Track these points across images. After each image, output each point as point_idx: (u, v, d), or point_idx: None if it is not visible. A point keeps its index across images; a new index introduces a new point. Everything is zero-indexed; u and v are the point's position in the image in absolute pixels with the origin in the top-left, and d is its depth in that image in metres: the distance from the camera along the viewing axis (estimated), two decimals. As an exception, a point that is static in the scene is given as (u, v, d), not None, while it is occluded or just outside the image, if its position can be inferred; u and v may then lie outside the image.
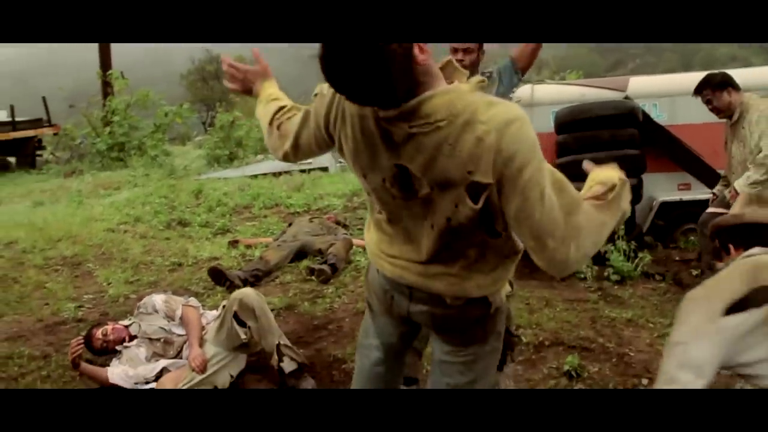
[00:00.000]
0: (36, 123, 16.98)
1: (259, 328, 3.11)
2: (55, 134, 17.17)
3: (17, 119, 16.38)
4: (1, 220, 7.98)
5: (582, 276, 4.43)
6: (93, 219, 7.69)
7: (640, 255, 4.48)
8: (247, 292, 3.19)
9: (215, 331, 3.25)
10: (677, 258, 4.82)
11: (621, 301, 4.06)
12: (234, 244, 6.00)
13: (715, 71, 3.75)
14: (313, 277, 4.89)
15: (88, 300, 4.69)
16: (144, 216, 7.60)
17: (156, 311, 3.45)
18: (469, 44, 2.85)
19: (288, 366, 3.13)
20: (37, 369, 3.40)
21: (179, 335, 3.37)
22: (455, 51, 2.84)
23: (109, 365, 3.25)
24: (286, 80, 2.38)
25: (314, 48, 1.42)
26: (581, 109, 4.73)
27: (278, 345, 3.14)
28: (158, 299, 3.51)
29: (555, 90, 5.45)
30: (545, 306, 4.00)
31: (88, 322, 4.04)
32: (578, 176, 4.41)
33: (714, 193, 4.02)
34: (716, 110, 3.61)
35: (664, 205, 4.98)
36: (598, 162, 1.82)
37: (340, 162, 13.18)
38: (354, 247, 5.49)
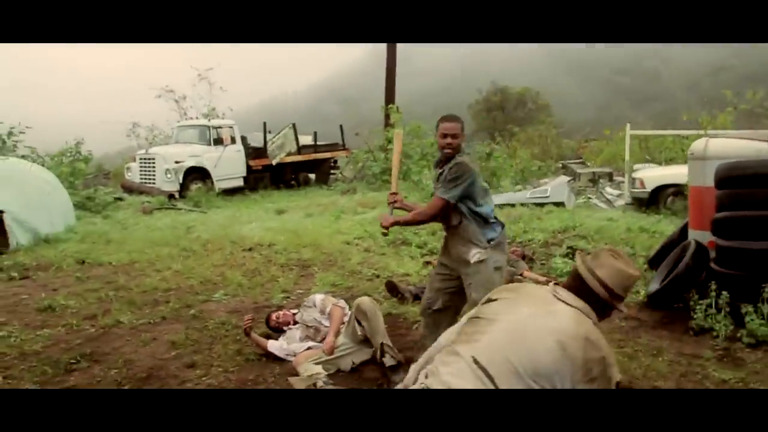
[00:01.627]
0: (333, 146, 20.18)
1: (369, 328, 4.01)
2: (346, 157, 20.22)
3: (319, 143, 19.68)
4: (277, 225, 10.10)
5: (715, 334, 4.38)
6: (339, 232, 9.33)
7: (790, 321, 4.25)
8: (364, 300, 4.11)
9: (346, 326, 4.24)
10: None
11: (740, 364, 3.98)
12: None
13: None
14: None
15: (297, 294, 6.04)
16: (376, 233, 8.95)
17: (314, 305, 4.55)
18: (456, 130, 3.60)
19: (388, 361, 3.93)
20: (231, 334, 4.71)
21: (326, 326, 4.40)
22: (444, 136, 3.59)
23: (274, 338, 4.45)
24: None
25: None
26: (739, 165, 4.63)
27: (382, 344, 3.96)
28: (318, 297, 4.61)
29: (728, 144, 5.29)
30: (653, 355, 4.13)
31: (284, 308, 5.33)
32: (731, 233, 4.66)
33: None
34: None
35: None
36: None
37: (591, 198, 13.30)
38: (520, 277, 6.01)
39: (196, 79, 19.81)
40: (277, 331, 4.59)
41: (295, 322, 4.56)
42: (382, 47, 20.21)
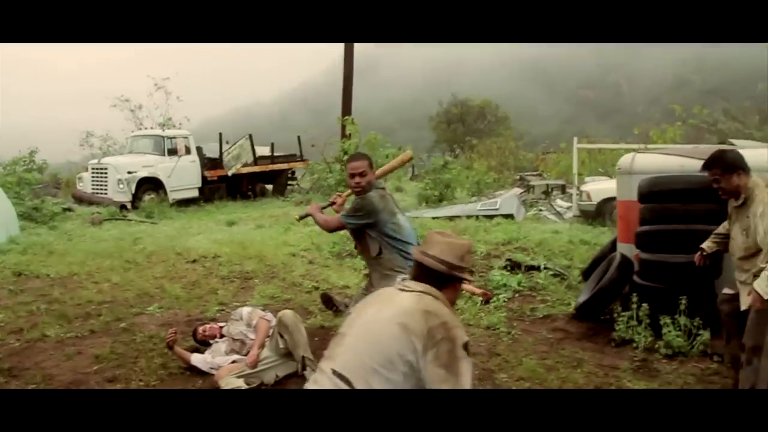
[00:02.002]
0: (290, 157, 20.16)
1: (291, 341, 4.04)
2: (304, 168, 20.22)
3: (276, 154, 19.64)
4: (224, 237, 10.06)
5: (635, 345, 4.52)
6: (286, 243, 9.32)
7: (702, 332, 4.41)
8: (286, 313, 4.15)
9: (270, 339, 4.26)
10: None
11: (654, 375, 4.12)
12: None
13: (727, 147, 3.63)
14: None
15: (233, 306, 6.02)
16: (324, 245, 8.97)
17: (241, 319, 4.56)
18: (363, 168, 3.80)
19: (309, 375, 3.96)
20: (158, 348, 4.68)
21: (252, 339, 4.41)
22: (352, 176, 3.81)
23: (197, 352, 4.44)
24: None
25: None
26: (659, 180, 4.80)
27: (303, 357, 4.00)
28: (245, 310, 4.62)
29: (653, 159, 5.48)
30: (573, 366, 4.25)
31: (217, 321, 5.32)
32: (652, 246, 4.72)
33: (702, 248, 3.91)
34: (722, 191, 3.55)
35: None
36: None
37: (544, 210, 13.52)
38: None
39: (153, 88, 19.61)
40: (203, 344, 4.58)
41: (222, 336, 4.56)
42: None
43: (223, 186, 17.90)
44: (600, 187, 11.70)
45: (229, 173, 17.82)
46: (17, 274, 7.37)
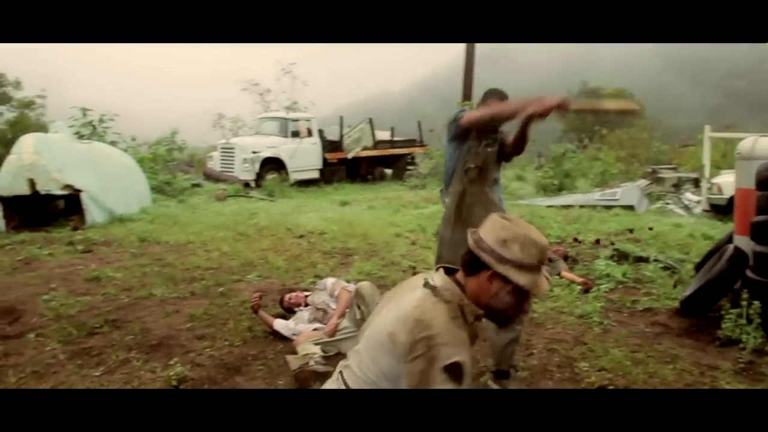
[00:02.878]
0: (410, 142, 20.26)
1: (366, 313, 4.03)
2: (424, 153, 20.23)
3: (396, 138, 19.82)
4: (335, 216, 10.30)
5: (742, 346, 4.10)
6: (392, 224, 9.39)
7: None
8: (363, 284, 4.12)
9: (350, 311, 4.29)
10: None
11: (759, 378, 3.70)
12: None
13: None
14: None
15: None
16: (429, 227, 8.94)
17: (325, 288, 4.63)
18: None
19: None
20: (248, 312, 4.84)
21: (333, 309, 4.47)
22: None
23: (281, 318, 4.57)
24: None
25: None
26: (778, 164, 4.30)
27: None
28: (329, 281, 4.69)
29: (780, 143, 4.90)
30: (666, 362, 3.92)
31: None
32: (766, 239, 4.36)
33: None
34: None
35: None
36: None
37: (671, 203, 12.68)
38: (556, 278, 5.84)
39: (281, 73, 20.41)
40: (289, 311, 4.71)
41: (307, 304, 4.67)
42: (480, 44, 19.94)
43: (342, 168, 18.34)
44: (732, 180, 10.72)
45: (349, 156, 18.22)
46: (141, 240, 7.97)
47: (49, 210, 10.01)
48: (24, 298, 5.25)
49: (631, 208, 10.78)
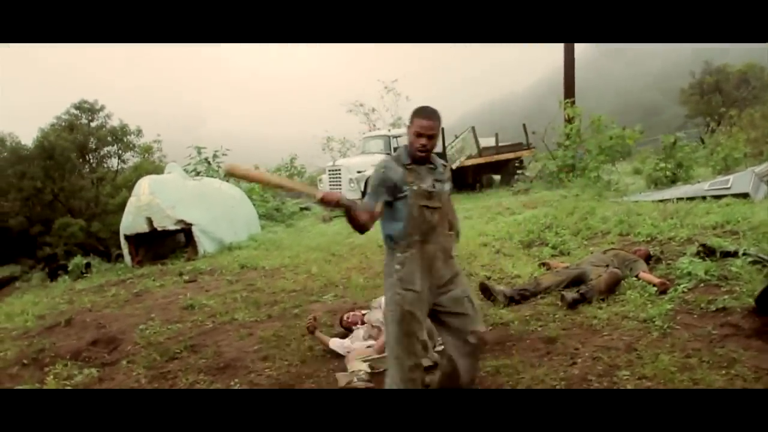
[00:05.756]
0: (516, 147, 19.96)
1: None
2: (532, 156, 19.87)
3: (501, 144, 19.61)
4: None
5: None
6: (483, 234, 9.36)
7: None
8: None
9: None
10: None
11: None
12: (544, 265, 6.74)
13: None
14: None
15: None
16: (516, 234, 8.83)
17: (380, 307, 4.80)
18: (436, 130, 3.14)
19: (424, 362, 4.05)
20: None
21: (387, 326, 4.63)
22: (419, 135, 3.09)
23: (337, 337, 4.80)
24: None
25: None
26: None
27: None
28: (383, 299, 4.85)
29: None
30: (722, 366, 3.70)
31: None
32: None
33: None
34: None
35: None
36: None
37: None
38: (622, 281, 5.61)
39: (384, 91, 20.96)
40: (349, 330, 4.93)
41: (363, 322, 4.86)
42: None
43: (448, 179, 18.40)
44: None
45: (453, 166, 18.26)
46: (241, 267, 8.57)
47: (169, 244, 11.01)
48: (125, 327, 5.89)
49: (745, 195, 9.96)
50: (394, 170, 3.19)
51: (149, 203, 10.06)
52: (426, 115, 3.15)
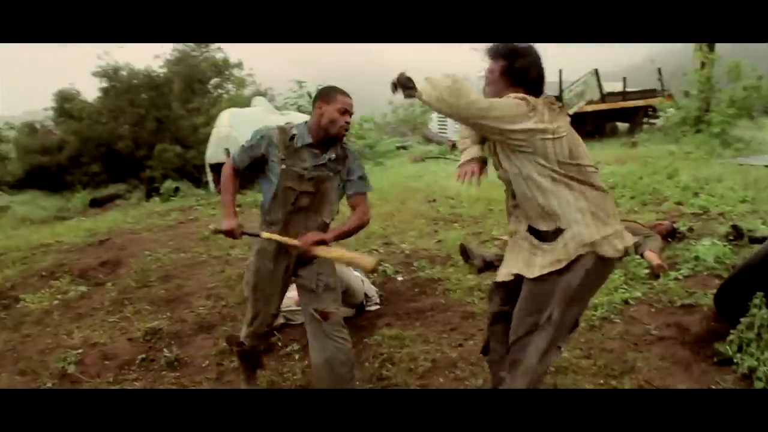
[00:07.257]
0: (646, 93, 18.19)
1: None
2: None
3: (629, 89, 18.00)
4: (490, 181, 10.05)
5: (734, 369, 3.23)
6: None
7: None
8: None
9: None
10: None
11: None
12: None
13: None
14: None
15: (396, 246, 6.26)
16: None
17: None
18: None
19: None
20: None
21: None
22: (345, 113, 2.92)
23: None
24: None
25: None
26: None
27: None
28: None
29: None
30: (612, 374, 3.34)
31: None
32: None
33: None
34: None
35: None
36: None
37: None
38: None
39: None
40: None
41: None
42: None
43: (564, 125, 17.35)
44: None
45: (570, 112, 17.14)
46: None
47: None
48: (138, 252, 6.44)
49: None
50: (271, 143, 3.05)
51: (228, 135, 10.62)
52: (345, 91, 3.00)
